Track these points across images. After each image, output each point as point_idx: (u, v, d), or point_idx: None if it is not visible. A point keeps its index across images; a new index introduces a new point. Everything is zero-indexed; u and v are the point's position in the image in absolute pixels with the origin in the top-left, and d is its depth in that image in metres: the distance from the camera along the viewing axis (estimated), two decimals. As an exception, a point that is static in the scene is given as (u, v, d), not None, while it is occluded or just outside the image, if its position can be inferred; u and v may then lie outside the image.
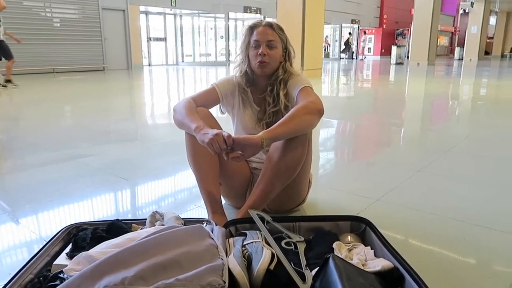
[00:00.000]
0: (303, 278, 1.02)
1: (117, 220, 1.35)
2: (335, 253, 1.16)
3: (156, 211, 1.38)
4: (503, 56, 28.52)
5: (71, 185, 2.10)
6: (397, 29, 26.54)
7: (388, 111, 5.14)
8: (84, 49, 11.84)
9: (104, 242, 1.14)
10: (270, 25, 1.58)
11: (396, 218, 1.68)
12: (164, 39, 16.27)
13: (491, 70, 13.73)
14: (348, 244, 1.23)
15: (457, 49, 24.26)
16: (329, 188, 2.14)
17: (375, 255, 1.18)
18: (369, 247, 1.22)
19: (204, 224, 1.24)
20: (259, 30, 1.57)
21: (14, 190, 2.07)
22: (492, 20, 27.03)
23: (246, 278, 0.97)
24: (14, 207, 1.80)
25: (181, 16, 16.58)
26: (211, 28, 18.27)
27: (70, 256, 1.14)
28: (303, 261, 1.11)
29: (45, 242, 1.24)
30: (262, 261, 1.01)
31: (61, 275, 1.01)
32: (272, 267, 1.03)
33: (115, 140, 3.21)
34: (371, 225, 1.31)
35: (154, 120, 4.37)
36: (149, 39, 15.49)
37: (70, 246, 1.22)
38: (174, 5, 14.64)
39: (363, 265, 1.10)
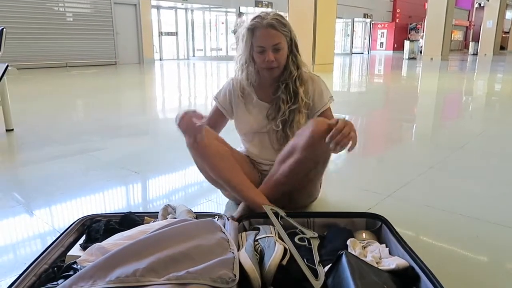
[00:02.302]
0: (315, 274, 1.00)
1: (130, 212, 1.36)
2: (349, 250, 1.14)
3: (168, 205, 1.39)
4: (518, 51, 27.98)
5: (83, 178, 2.13)
6: (410, 24, 26.19)
7: (400, 106, 5.09)
8: (97, 43, 11.93)
9: (117, 234, 1.16)
10: (272, 26, 1.43)
11: (407, 214, 1.67)
12: (176, 34, 16.31)
13: (507, 66, 13.48)
14: (363, 242, 1.21)
15: (471, 44, 23.86)
16: (340, 183, 2.13)
17: (390, 253, 1.16)
18: (384, 245, 1.19)
19: (216, 219, 1.25)
20: (261, 33, 1.44)
21: (27, 182, 2.10)
22: (508, 14, 26.51)
23: (258, 273, 0.96)
24: (28, 199, 1.84)
25: (192, 10, 16.59)
26: (222, 23, 18.24)
27: (84, 247, 1.15)
28: (316, 258, 1.10)
29: (58, 233, 1.26)
30: (274, 256, 1.00)
31: (75, 266, 1.02)
32: (284, 262, 1.02)
33: (127, 134, 3.23)
34: (387, 222, 1.28)
35: (165, 115, 4.39)
36: (160, 33, 15.54)
37: (83, 237, 1.23)
38: (185, 0, 14.65)
39: (377, 263, 1.08)
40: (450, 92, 6.62)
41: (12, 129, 3.19)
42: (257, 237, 1.13)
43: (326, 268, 1.03)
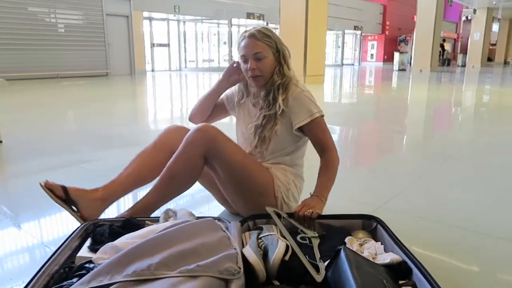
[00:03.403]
0: (317, 269, 1.08)
1: (131, 217, 1.38)
2: (347, 246, 1.20)
3: (169, 209, 1.42)
4: (506, 63, 28.49)
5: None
6: (400, 36, 26.57)
7: (390, 117, 5.14)
8: (88, 54, 11.90)
9: (128, 234, 1.21)
10: (253, 36, 1.50)
11: (398, 225, 1.66)
12: (168, 45, 16.34)
13: (494, 77, 13.72)
14: (360, 240, 1.28)
15: (460, 56, 24.26)
16: (330, 194, 2.14)
17: (385, 250, 1.23)
18: (379, 243, 1.27)
19: (217, 221, 1.30)
20: (244, 43, 1.51)
21: (16, 195, 2.07)
22: (495, 27, 27.06)
23: (262, 266, 1.04)
24: (16, 212, 1.81)
25: (184, 22, 16.67)
26: (214, 34, 18.34)
27: (92, 249, 1.20)
28: (317, 254, 1.17)
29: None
30: (277, 251, 1.08)
31: (87, 265, 1.09)
32: (286, 258, 1.10)
33: (118, 144, 3.21)
34: (382, 223, 1.37)
35: (156, 125, 4.38)
36: (152, 45, 15.56)
37: (89, 240, 1.27)
38: (177, 11, 14.72)
39: (373, 258, 1.15)
40: (440, 103, 6.71)
41: (1, 141, 3.15)
42: (260, 235, 1.21)
43: (326, 263, 1.11)
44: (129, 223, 1.34)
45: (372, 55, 26.59)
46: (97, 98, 6.98)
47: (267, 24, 17.56)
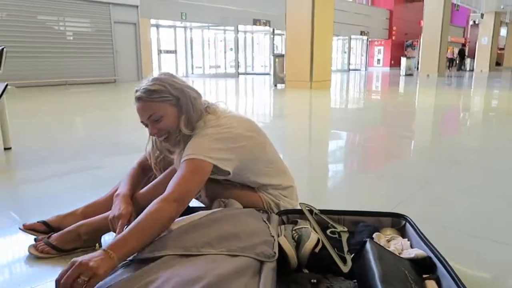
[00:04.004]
0: (344, 261, 1.17)
1: (188, 207, 1.38)
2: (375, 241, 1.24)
3: (220, 199, 1.48)
4: (514, 67, 28.29)
5: (82, 196, 2.11)
6: (407, 41, 26.53)
7: (398, 123, 5.11)
8: (96, 61, 12.03)
9: (181, 217, 1.28)
10: (140, 99, 1.34)
11: (408, 231, 1.65)
12: (174, 52, 16.47)
13: (502, 82, 13.61)
14: (387, 236, 1.32)
15: (467, 60, 24.14)
16: (336, 201, 2.13)
17: (411, 246, 1.27)
18: (406, 239, 1.31)
19: (261, 212, 1.44)
20: (136, 109, 1.37)
21: (25, 201, 2.09)
22: (503, 31, 26.90)
23: (294, 254, 1.17)
24: (25, 218, 1.82)
25: (191, 29, 16.80)
26: (221, 41, 18.45)
27: None
28: (345, 247, 1.25)
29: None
30: (309, 242, 1.19)
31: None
32: (317, 250, 1.20)
33: (126, 151, 3.23)
34: (410, 221, 1.40)
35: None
36: (159, 51, 15.70)
37: None
38: (184, 18, 14.85)
39: (399, 253, 1.20)
40: (448, 108, 6.67)
41: (10, 148, 3.18)
42: (295, 228, 1.30)
43: (353, 255, 1.17)
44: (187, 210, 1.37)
45: (378, 60, 26.57)
46: (105, 105, 7.04)
47: (273, 31, 17.67)
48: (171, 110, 1.35)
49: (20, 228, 1.51)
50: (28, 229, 1.51)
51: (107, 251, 0.98)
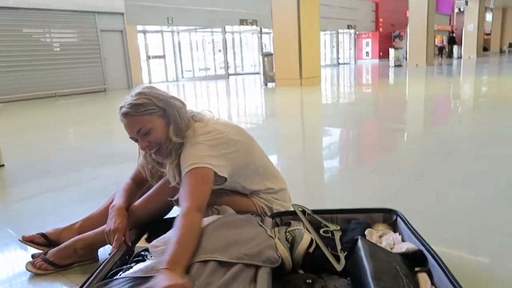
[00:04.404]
0: (337, 260, 1.19)
1: None
2: (367, 238, 1.27)
3: (214, 206, 1.49)
4: (502, 51, 28.52)
5: (78, 209, 2.12)
6: (394, 32, 26.64)
7: (390, 114, 5.15)
8: (85, 71, 11.97)
9: None
10: (127, 114, 1.34)
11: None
12: (163, 56, 16.43)
13: (491, 67, 13.73)
14: (379, 232, 1.35)
15: (455, 47, 24.30)
16: (331, 197, 2.15)
17: (403, 241, 1.30)
18: (397, 234, 1.34)
19: (254, 215, 1.46)
20: (124, 125, 1.38)
21: (21, 217, 2.09)
22: (488, 16, 27.10)
23: (289, 256, 1.20)
24: (22, 234, 1.82)
25: (178, 32, 16.75)
26: (209, 43, 18.42)
27: (148, 240, 1.39)
28: (339, 246, 1.28)
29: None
30: (302, 243, 1.21)
31: (143, 253, 1.29)
32: (311, 250, 1.22)
33: (119, 161, 3.23)
34: (401, 216, 1.42)
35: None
36: (148, 57, 15.64)
37: (146, 233, 1.45)
38: (171, 22, 14.81)
39: (391, 248, 1.23)
40: (439, 97, 6.72)
41: (3, 165, 3.17)
42: (288, 229, 1.32)
43: (346, 253, 1.20)
44: None
45: (367, 52, 26.66)
46: (95, 115, 7.02)
47: (260, 30, 17.67)
48: (159, 122, 1.36)
49: (19, 240, 1.53)
50: (27, 240, 1.53)
51: (171, 269, 1.01)
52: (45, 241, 1.53)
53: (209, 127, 1.39)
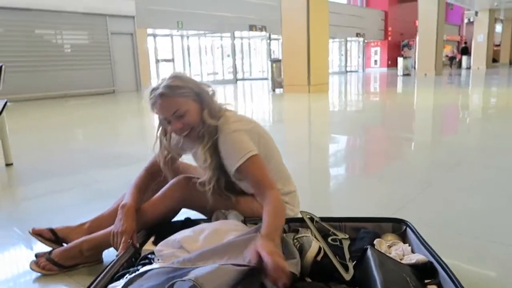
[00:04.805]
0: (346, 269, 1.18)
1: (188, 218, 1.56)
2: (376, 248, 1.25)
3: (220, 211, 1.51)
4: (511, 63, 28.32)
5: (86, 210, 2.12)
6: (403, 41, 26.60)
7: (398, 123, 5.12)
8: (94, 73, 12.08)
9: (186, 230, 1.36)
10: (164, 95, 1.34)
11: (409, 234, 1.66)
12: (172, 60, 16.53)
13: (500, 78, 13.64)
14: (388, 242, 1.34)
15: (464, 58, 24.19)
16: (338, 205, 2.13)
17: (413, 252, 1.28)
18: (407, 244, 1.32)
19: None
20: (158, 106, 1.37)
21: (29, 217, 2.10)
22: (498, 27, 26.96)
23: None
24: (29, 234, 1.83)
25: (188, 37, 16.86)
26: (218, 47, 18.51)
27: (154, 242, 1.39)
28: (347, 255, 1.26)
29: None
30: (310, 250, 1.20)
31: (149, 256, 1.30)
32: (319, 258, 1.21)
33: (127, 163, 3.24)
34: (411, 226, 1.40)
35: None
36: (157, 60, 15.75)
37: (153, 236, 1.45)
38: (180, 27, 14.92)
39: (400, 259, 1.21)
40: (447, 107, 6.68)
41: (12, 164, 3.20)
42: (296, 236, 1.31)
43: (355, 262, 1.19)
44: (186, 222, 1.53)
45: (376, 61, 26.62)
46: (104, 116, 7.07)
47: (269, 36, 17.73)
48: (194, 105, 1.39)
49: (29, 231, 1.54)
50: (36, 233, 1.53)
51: (269, 238, 1.12)
52: (53, 236, 1.53)
53: (239, 116, 1.46)
